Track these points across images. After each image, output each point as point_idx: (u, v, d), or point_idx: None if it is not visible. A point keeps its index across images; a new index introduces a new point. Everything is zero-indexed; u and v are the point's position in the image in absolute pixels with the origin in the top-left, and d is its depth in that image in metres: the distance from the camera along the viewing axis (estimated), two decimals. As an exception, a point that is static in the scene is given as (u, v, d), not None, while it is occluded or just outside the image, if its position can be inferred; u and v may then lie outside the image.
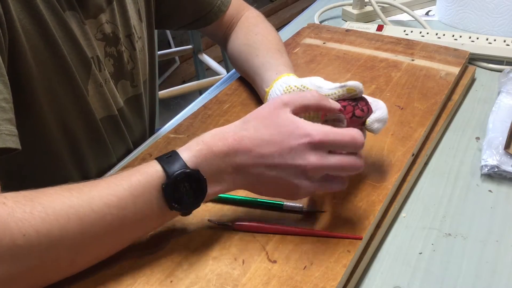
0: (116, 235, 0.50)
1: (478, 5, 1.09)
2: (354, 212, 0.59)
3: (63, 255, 0.47)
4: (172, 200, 0.50)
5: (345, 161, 0.52)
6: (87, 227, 0.47)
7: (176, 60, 2.79)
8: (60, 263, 0.47)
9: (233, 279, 0.51)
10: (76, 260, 0.48)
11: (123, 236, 0.51)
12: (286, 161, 0.51)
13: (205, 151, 0.51)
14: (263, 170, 0.52)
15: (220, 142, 0.52)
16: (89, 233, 0.47)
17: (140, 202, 0.49)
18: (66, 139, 0.68)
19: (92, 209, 0.47)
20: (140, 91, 0.80)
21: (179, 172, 0.49)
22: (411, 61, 0.91)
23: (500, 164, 0.69)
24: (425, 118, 0.76)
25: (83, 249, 0.48)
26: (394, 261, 0.58)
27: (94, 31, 0.68)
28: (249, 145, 0.52)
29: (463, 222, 0.63)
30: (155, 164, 0.50)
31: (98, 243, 0.49)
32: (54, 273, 0.48)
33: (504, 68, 0.92)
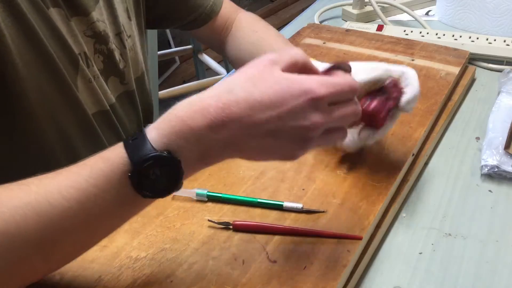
0: (84, 229, 0.45)
1: (478, 5, 1.09)
2: (354, 212, 0.59)
3: (29, 253, 0.43)
4: (142, 189, 0.44)
5: (346, 111, 0.47)
6: (47, 223, 0.42)
7: (176, 60, 2.79)
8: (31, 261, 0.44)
9: (233, 279, 0.51)
10: (48, 257, 0.45)
11: (93, 230, 0.46)
12: (287, 124, 0.44)
13: (179, 127, 0.43)
14: (260, 139, 0.45)
15: (199, 114, 0.43)
16: (51, 229, 0.43)
17: (105, 193, 0.43)
18: (59, 136, 0.67)
19: (50, 204, 0.42)
20: (132, 88, 0.79)
21: (145, 158, 0.42)
22: (411, 61, 0.91)
23: (500, 164, 0.69)
24: (425, 118, 0.76)
25: (50, 245, 0.44)
26: (394, 261, 0.58)
27: (83, 28, 0.68)
28: (239, 112, 0.43)
29: (463, 222, 0.63)
30: (120, 148, 0.44)
31: (65, 238, 0.44)
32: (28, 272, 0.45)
33: (504, 68, 0.92)
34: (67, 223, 0.43)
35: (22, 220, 0.42)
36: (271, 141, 0.45)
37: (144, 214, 0.59)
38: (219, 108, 0.43)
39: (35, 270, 0.45)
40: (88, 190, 0.43)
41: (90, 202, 0.43)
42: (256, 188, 0.63)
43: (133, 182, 0.43)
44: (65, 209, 0.43)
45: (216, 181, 0.64)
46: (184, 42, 2.72)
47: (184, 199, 0.61)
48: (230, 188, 0.63)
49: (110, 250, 0.54)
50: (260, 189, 0.63)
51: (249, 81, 0.44)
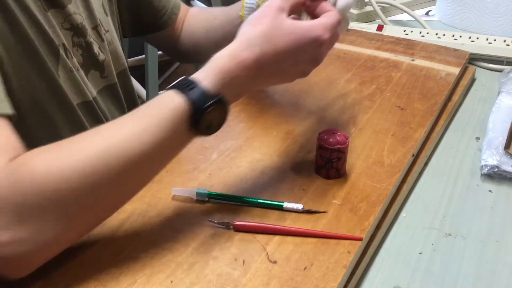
0: (151, 166, 0.53)
1: (478, 5, 1.09)
2: (354, 212, 0.59)
3: (111, 190, 0.50)
4: (200, 128, 0.53)
5: (338, 36, 0.59)
6: (129, 162, 0.49)
7: (176, 60, 2.78)
8: (111, 198, 0.51)
9: (233, 279, 0.51)
10: (125, 192, 0.52)
11: (157, 166, 0.54)
12: (304, 62, 0.57)
13: (226, 77, 0.53)
14: (282, 77, 0.59)
15: (240, 66, 0.53)
16: (130, 167, 0.50)
17: (171, 136, 0.52)
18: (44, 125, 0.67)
19: (129, 146, 0.50)
20: (113, 81, 0.79)
21: (206, 104, 0.51)
22: (411, 61, 0.91)
23: (500, 164, 0.69)
24: (425, 119, 0.76)
25: (126, 182, 0.51)
26: (394, 261, 0.58)
27: (60, 20, 0.68)
28: (268, 62, 0.55)
29: (463, 222, 0.63)
30: (180, 97, 0.52)
31: (139, 174, 0.52)
32: (108, 208, 0.52)
33: (504, 68, 0.92)
34: (141, 162, 0.51)
35: (107, 163, 0.48)
36: (289, 75, 0.59)
37: (144, 214, 0.59)
38: (254, 61, 0.54)
39: (114, 206, 0.53)
40: (160, 134, 0.51)
41: (160, 144, 0.51)
42: (256, 188, 0.63)
43: (193, 125, 0.52)
44: (142, 151, 0.50)
45: (217, 181, 0.64)
46: (184, 42, 2.71)
47: (184, 199, 0.61)
48: (230, 188, 0.63)
49: (110, 250, 0.54)
50: (260, 189, 0.63)
51: (269, 35, 0.54)
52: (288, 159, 0.68)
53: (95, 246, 0.55)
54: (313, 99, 0.81)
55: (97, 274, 0.52)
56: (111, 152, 0.49)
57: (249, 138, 0.72)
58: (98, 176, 0.48)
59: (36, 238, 0.47)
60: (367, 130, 0.74)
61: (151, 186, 0.63)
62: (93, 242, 0.55)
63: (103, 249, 0.55)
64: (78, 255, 0.54)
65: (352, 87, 0.84)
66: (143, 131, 0.50)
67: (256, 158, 0.68)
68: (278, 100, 0.81)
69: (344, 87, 0.85)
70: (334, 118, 0.77)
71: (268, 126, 0.75)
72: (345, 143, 0.63)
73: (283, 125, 0.75)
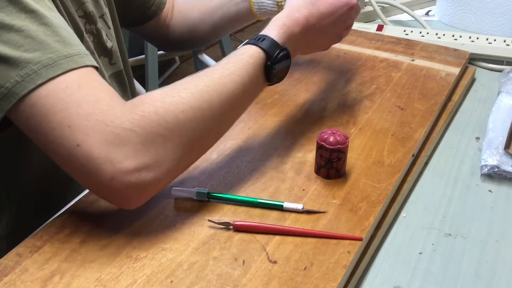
0: (239, 105, 0.62)
1: (478, 5, 1.09)
2: (354, 212, 0.59)
3: (212, 125, 0.58)
4: (271, 75, 0.63)
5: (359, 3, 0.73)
6: (224, 99, 0.58)
7: (176, 60, 2.79)
8: (212, 132, 0.59)
9: (234, 279, 0.51)
10: (219, 129, 0.60)
11: (242, 107, 0.63)
12: (339, 25, 0.71)
13: (288, 32, 0.64)
14: (324, 38, 0.72)
15: (296, 23, 0.65)
16: (225, 104, 0.58)
17: (252, 79, 0.61)
18: None
19: (225, 86, 0.58)
20: (120, 68, 0.81)
21: (277, 53, 0.62)
22: (411, 61, 0.91)
23: (500, 164, 0.69)
24: (425, 119, 0.76)
25: (223, 118, 0.60)
26: (394, 261, 0.58)
27: (75, 8, 0.70)
28: (315, 21, 0.67)
29: (463, 222, 0.63)
30: (256, 48, 0.62)
31: (231, 112, 0.61)
32: (210, 140, 0.60)
33: (504, 68, 0.92)
34: (234, 100, 0.60)
35: (209, 99, 0.57)
36: (330, 36, 0.72)
37: (144, 213, 0.59)
38: (304, 19, 0.66)
39: (211, 140, 0.60)
40: (245, 76, 0.60)
41: (245, 85, 0.60)
42: (256, 188, 0.63)
43: (267, 70, 0.62)
44: (233, 90, 0.59)
45: (216, 181, 0.64)
46: (184, 42, 2.71)
47: (184, 199, 0.61)
48: (230, 188, 0.63)
49: (110, 250, 0.54)
50: (260, 189, 0.63)
51: (312, 1, 0.67)
52: (288, 159, 0.68)
53: (95, 246, 0.55)
54: (313, 99, 0.81)
55: (97, 274, 0.52)
56: (211, 91, 0.57)
57: (249, 138, 0.72)
58: (205, 110, 0.56)
59: (159, 164, 0.53)
60: (367, 130, 0.74)
61: (151, 186, 0.63)
62: (93, 242, 0.55)
63: (103, 249, 0.55)
64: (78, 255, 0.54)
65: (352, 87, 0.84)
66: (231, 74, 0.59)
67: (256, 158, 0.68)
68: (278, 100, 0.81)
69: (344, 87, 0.85)
70: (334, 118, 0.77)
71: (268, 126, 0.75)
72: (345, 143, 0.63)
73: (283, 125, 0.75)
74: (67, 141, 0.51)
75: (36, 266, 0.52)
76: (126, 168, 0.51)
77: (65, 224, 0.58)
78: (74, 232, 0.57)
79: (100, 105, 0.52)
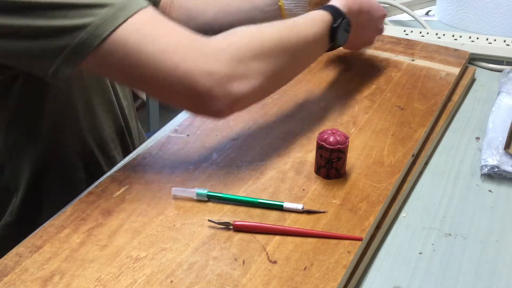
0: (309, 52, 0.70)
1: (478, 5, 1.09)
2: (354, 212, 0.59)
3: (289, 59, 0.66)
4: (335, 36, 0.71)
5: None
6: (300, 40, 0.67)
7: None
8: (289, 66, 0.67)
9: (234, 279, 0.51)
10: (294, 66, 0.69)
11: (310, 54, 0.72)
12: (372, 26, 0.82)
13: (348, 8, 0.73)
14: (362, 32, 0.81)
15: (354, 2, 0.75)
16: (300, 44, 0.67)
17: (319, 33, 0.69)
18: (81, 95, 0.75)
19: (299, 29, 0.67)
20: None
21: (344, 20, 0.72)
22: (411, 61, 0.91)
23: (500, 164, 0.69)
24: (425, 119, 0.76)
25: (297, 56, 0.68)
26: (394, 261, 0.58)
27: None
28: (365, 10, 0.78)
29: (463, 222, 0.63)
30: (325, 12, 0.71)
31: (303, 54, 0.69)
32: (288, 74, 0.68)
33: (504, 68, 0.92)
34: (305, 45, 0.68)
35: (287, 37, 0.65)
36: (372, 30, 0.84)
37: (144, 213, 0.59)
38: (360, 3, 0.76)
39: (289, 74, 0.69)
40: (314, 28, 0.69)
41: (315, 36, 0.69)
42: (256, 188, 0.63)
43: (332, 32, 0.71)
44: (306, 36, 0.68)
45: (216, 181, 0.64)
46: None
47: (184, 199, 0.61)
48: (230, 188, 0.63)
49: (110, 250, 0.54)
50: (260, 189, 0.63)
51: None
52: (288, 159, 0.68)
53: (95, 246, 0.55)
54: (313, 99, 0.81)
55: (97, 274, 0.52)
56: (289, 31, 0.66)
57: (249, 138, 0.72)
58: (284, 43, 0.64)
59: (250, 78, 0.60)
60: (367, 130, 0.74)
61: (151, 186, 0.63)
62: (93, 242, 0.55)
63: (103, 249, 0.55)
64: (78, 255, 0.54)
65: (352, 87, 0.84)
66: (303, 24, 0.68)
67: (256, 158, 0.68)
68: (278, 100, 0.81)
69: (344, 87, 0.85)
70: (334, 118, 0.77)
71: (268, 126, 0.75)
72: (345, 143, 0.63)
73: (283, 125, 0.75)
74: (165, 65, 0.57)
75: (36, 266, 0.52)
76: (222, 79, 0.58)
77: (65, 224, 0.58)
78: (74, 232, 0.57)
79: (187, 32, 0.59)
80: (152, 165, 0.67)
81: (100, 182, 0.64)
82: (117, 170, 0.67)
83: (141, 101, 2.36)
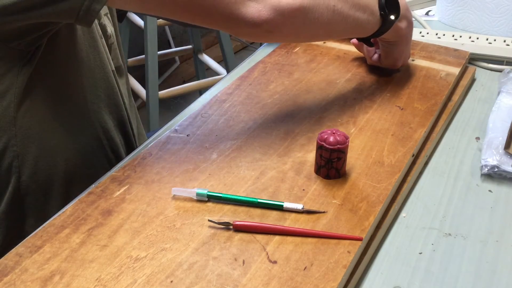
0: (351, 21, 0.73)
1: (478, 5, 1.09)
2: (354, 212, 0.59)
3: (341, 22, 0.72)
4: (387, 12, 0.75)
5: None
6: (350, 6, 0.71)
7: (176, 60, 2.79)
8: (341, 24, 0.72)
9: (233, 279, 0.51)
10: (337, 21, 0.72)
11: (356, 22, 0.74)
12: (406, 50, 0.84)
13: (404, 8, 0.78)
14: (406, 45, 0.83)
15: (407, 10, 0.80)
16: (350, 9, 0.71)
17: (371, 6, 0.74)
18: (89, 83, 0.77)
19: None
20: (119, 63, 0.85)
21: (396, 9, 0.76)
22: (411, 61, 0.91)
23: (500, 164, 0.69)
24: (425, 119, 0.76)
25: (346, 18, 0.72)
26: (394, 261, 0.58)
27: None
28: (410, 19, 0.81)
29: (463, 222, 0.63)
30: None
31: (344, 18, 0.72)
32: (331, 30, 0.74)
33: (504, 68, 0.92)
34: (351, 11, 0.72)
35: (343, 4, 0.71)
36: (408, 49, 0.85)
37: (144, 214, 0.59)
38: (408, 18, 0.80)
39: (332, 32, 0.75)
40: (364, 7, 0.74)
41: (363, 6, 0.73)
42: (256, 188, 0.63)
43: (384, 7, 0.75)
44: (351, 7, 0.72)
45: (216, 181, 0.64)
46: (184, 42, 2.72)
47: (184, 199, 0.61)
48: (230, 188, 0.63)
49: (110, 250, 0.55)
50: (260, 189, 0.63)
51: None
52: (288, 159, 0.68)
53: (95, 246, 0.55)
54: (313, 99, 0.81)
55: (97, 274, 0.52)
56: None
57: (249, 138, 0.72)
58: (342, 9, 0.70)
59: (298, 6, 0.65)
60: (367, 130, 0.74)
61: (151, 186, 0.63)
62: (93, 242, 0.55)
63: (103, 249, 0.55)
64: (78, 255, 0.54)
65: (352, 87, 0.84)
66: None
67: (256, 158, 0.68)
68: (278, 100, 0.81)
69: (344, 87, 0.85)
70: (334, 118, 0.77)
71: (268, 126, 0.75)
72: (345, 143, 0.63)
73: (283, 125, 0.75)
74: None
75: (36, 266, 0.53)
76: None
77: (65, 224, 0.58)
78: (74, 232, 0.57)
79: None
80: (152, 165, 0.67)
81: (100, 182, 0.64)
82: (117, 170, 0.67)
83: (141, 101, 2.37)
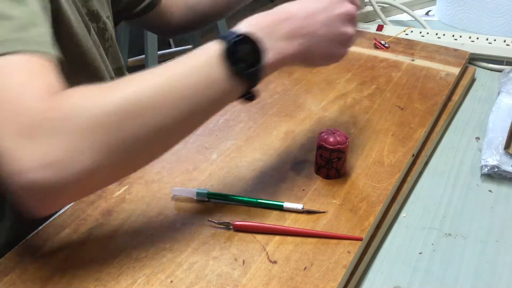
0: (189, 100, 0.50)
1: (478, 5, 1.09)
2: (354, 212, 0.59)
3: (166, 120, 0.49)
4: (232, 61, 0.51)
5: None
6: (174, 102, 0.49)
7: (176, 60, 2.78)
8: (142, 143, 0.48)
9: (233, 279, 0.51)
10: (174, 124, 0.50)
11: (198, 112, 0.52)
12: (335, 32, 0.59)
13: (255, 24, 0.54)
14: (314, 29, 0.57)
15: (265, 13, 0.55)
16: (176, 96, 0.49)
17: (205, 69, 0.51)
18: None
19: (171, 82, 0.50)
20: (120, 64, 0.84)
21: (235, 35, 0.51)
22: (411, 61, 0.91)
23: (500, 164, 0.69)
24: (425, 119, 0.76)
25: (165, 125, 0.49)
26: (394, 261, 0.58)
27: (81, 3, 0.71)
28: (295, 10, 0.56)
29: (463, 222, 0.63)
30: (214, 41, 0.52)
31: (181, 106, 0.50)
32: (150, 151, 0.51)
33: (504, 68, 0.92)
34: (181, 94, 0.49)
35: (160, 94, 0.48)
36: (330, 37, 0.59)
37: (144, 213, 0.59)
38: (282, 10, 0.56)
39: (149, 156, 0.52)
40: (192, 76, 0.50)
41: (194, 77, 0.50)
42: (256, 188, 0.63)
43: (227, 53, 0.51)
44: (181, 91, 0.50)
45: (216, 181, 0.64)
46: (184, 42, 2.71)
47: (184, 199, 0.61)
48: (230, 188, 0.63)
49: (110, 250, 0.54)
50: (260, 189, 0.63)
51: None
52: (288, 159, 0.68)
53: (95, 246, 0.55)
54: (313, 99, 0.81)
55: (97, 274, 0.52)
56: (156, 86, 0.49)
57: (249, 138, 0.72)
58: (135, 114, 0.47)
59: (70, 164, 0.44)
60: (367, 130, 0.74)
61: (151, 186, 0.63)
62: (93, 242, 0.55)
63: (103, 249, 0.55)
64: (78, 255, 0.54)
65: (352, 87, 0.84)
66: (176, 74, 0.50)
67: (256, 158, 0.68)
68: (278, 100, 0.81)
69: (344, 87, 0.85)
70: (334, 118, 0.77)
71: (268, 126, 0.75)
72: (345, 143, 0.63)
73: (283, 125, 0.75)
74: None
75: (36, 266, 0.53)
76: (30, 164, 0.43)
77: (65, 224, 0.58)
78: (74, 232, 0.57)
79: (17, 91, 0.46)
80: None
81: (100, 182, 0.64)
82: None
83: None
